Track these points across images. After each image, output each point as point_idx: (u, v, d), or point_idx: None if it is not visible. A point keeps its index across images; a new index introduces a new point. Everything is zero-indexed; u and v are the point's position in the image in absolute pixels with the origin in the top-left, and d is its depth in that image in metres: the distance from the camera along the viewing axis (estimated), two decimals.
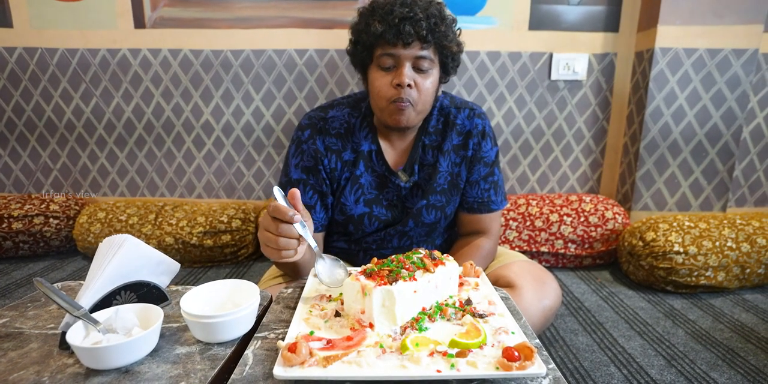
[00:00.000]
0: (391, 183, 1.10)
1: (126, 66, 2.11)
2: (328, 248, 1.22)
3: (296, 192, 0.77)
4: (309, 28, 2.03)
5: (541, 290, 1.05)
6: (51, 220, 2.03)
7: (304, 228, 0.76)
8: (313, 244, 0.79)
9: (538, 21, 2.01)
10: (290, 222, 0.74)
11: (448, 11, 1.01)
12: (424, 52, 0.96)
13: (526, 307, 1.00)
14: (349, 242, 1.17)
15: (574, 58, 2.03)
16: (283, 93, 2.12)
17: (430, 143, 1.10)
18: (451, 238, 1.26)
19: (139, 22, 2.05)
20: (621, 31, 2.02)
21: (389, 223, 1.12)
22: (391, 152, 1.11)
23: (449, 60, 1.01)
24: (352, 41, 1.03)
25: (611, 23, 2.01)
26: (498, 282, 1.07)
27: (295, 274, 1.00)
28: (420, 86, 0.98)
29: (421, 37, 0.93)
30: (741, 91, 1.89)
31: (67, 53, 2.09)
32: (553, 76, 2.06)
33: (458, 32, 1.02)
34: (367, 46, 0.98)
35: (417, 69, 0.97)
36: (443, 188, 1.12)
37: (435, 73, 1.00)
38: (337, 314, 0.69)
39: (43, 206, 2.05)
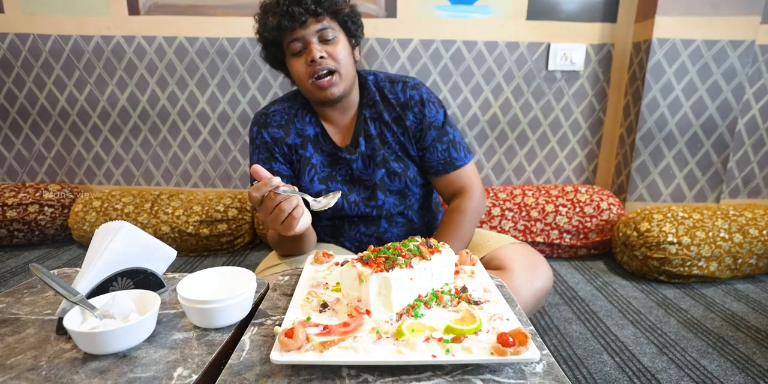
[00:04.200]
0: (341, 159, 1.16)
1: (120, 53, 2.08)
2: (314, 228, 1.23)
3: (256, 166, 0.82)
4: None
5: (532, 272, 1.07)
6: (46, 208, 2.02)
7: (286, 192, 0.81)
8: (300, 194, 0.83)
9: (536, 11, 2.00)
10: (270, 181, 0.80)
11: None
12: (322, 24, 1.03)
13: (518, 288, 1.01)
14: (332, 218, 1.22)
15: (571, 49, 2.02)
16: (279, 82, 2.11)
17: (371, 115, 1.16)
18: (427, 202, 1.28)
19: (134, 9, 2.02)
20: (619, 22, 2.01)
21: (353, 197, 1.17)
22: (335, 131, 1.18)
23: (349, 23, 1.08)
24: (262, 46, 1.10)
25: (609, 13, 2.00)
26: (490, 264, 1.09)
27: (299, 249, 1.09)
28: (333, 54, 1.04)
29: (311, 11, 1.01)
30: (737, 82, 1.90)
31: (60, 40, 2.07)
32: (551, 67, 2.05)
33: None
34: (275, 42, 1.06)
35: (324, 41, 1.04)
36: (397, 155, 1.17)
37: (342, 39, 1.07)
38: (325, 306, 0.69)
39: (37, 194, 2.04)
